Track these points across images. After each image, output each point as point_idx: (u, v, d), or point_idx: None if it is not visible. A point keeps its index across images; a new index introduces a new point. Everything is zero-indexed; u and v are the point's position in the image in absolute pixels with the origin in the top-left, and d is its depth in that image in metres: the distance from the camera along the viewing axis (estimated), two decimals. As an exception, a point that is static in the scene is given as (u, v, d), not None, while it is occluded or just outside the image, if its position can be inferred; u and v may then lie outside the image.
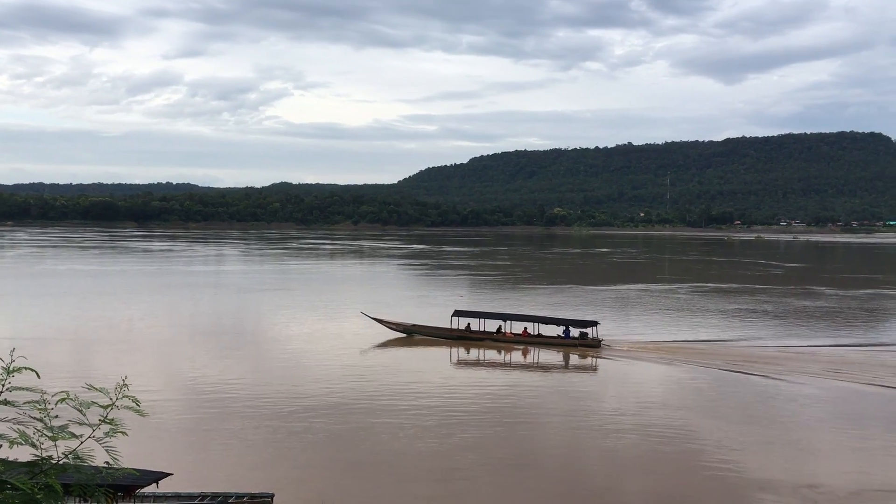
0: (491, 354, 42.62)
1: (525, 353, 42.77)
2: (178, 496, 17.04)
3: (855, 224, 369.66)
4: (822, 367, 37.95)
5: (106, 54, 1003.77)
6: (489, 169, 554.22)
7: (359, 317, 48.51)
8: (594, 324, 43.73)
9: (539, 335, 44.55)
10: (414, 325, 46.47)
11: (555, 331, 44.79)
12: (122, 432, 6.04)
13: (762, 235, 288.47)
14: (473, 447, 24.89)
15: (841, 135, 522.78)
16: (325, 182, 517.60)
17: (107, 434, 6.09)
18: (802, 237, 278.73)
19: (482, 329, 45.15)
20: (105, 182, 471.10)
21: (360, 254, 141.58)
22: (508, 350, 43.19)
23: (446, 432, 26.35)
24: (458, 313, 45.40)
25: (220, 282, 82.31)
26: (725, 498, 21.17)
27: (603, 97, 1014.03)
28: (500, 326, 45.46)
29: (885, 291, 79.56)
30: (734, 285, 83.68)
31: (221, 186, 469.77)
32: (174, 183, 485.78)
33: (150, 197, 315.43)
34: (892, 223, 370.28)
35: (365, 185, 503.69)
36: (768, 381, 35.25)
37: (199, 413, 28.40)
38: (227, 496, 17.08)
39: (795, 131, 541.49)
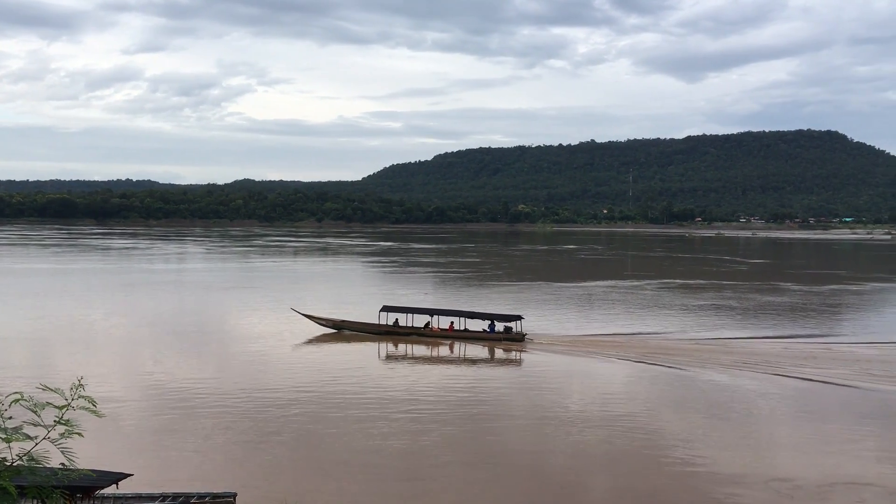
0: (419, 349, 43.03)
1: (452, 348, 43.34)
2: (138, 497, 16.71)
3: (812, 221, 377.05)
4: (733, 358, 39.16)
5: (64, 49, 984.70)
6: (454, 166, 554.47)
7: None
8: (518, 318, 44.71)
9: (466, 330, 45.34)
10: (343, 321, 46.88)
11: (481, 325, 45.58)
12: (78, 433, 5.96)
13: (722, 232, 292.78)
14: (440, 445, 24.82)
15: (798, 133, 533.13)
16: (289, 179, 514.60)
17: (62, 435, 6.04)
18: (761, 234, 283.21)
19: (410, 324, 45.93)
20: (63, 179, 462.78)
21: (326, 251, 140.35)
22: (435, 345, 43.79)
23: (412, 430, 26.26)
24: (386, 309, 45.86)
25: (185, 280, 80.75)
26: (633, 472, 22.01)
27: (566, 95, 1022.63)
28: (428, 322, 46.12)
29: (849, 287, 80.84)
30: (701, 281, 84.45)
31: (183, 183, 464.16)
32: (134, 180, 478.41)
33: (109, 194, 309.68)
34: (847, 220, 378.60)
35: (329, 182, 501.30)
36: (671, 370, 36.51)
37: (162, 413, 27.90)
38: (188, 496, 16.83)
39: (754, 129, 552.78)
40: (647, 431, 26.78)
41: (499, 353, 42.29)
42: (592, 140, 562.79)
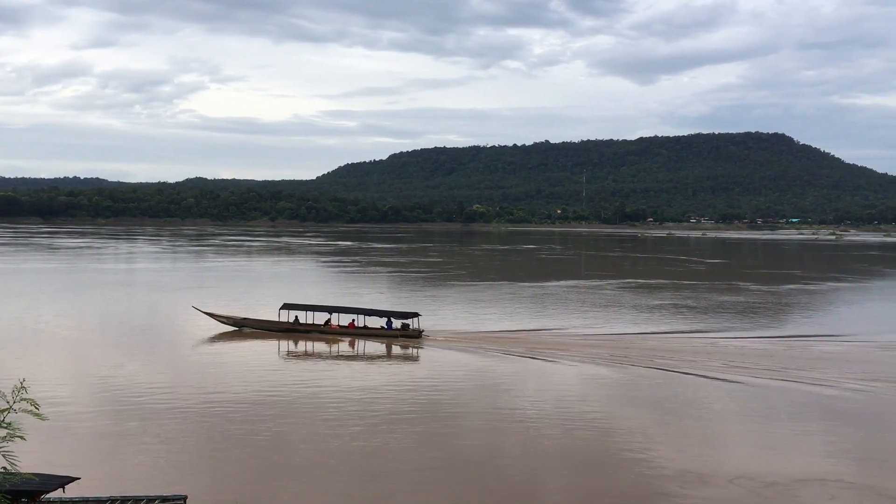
0: (320, 346, 43.39)
1: (352, 344, 44.05)
2: (85, 501, 16.48)
3: (760, 221, 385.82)
4: (608, 351, 41.04)
5: (10, 43, 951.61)
6: (409, 165, 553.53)
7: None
8: (415, 315, 45.82)
9: (365, 327, 46.27)
10: (245, 319, 47.22)
11: (379, 322, 46.46)
12: (20, 437, 5.88)
13: (673, 232, 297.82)
14: (396, 446, 24.73)
15: (747, 135, 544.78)
16: (242, 178, 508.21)
17: (3, 439, 5.95)
18: (711, 234, 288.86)
19: (311, 321, 46.54)
20: (8, 176, 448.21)
21: (285, 251, 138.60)
22: (335, 341, 44.35)
23: (363, 431, 26.12)
24: (286, 306, 46.22)
25: (139, 280, 78.72)
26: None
27: (522, 95, 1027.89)
28: (328, 319, 46.74)
29: (807, 287, 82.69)
30: (662, 281, 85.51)
31: (132, 181, 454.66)
32: (82, 178, 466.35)
33: (56, 192, 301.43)
34: (794, 221, 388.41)
35: (283, 180, 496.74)
36: (546, 363, 38.32)
37: (111, 415, 27.34)
38: (137, 499, 16.62)
39: (705, 131, 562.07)
40: (516, 420, 28.20)
41: (395, 349, 43.13)
42: (547, 140, 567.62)
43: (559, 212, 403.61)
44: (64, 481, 14.87)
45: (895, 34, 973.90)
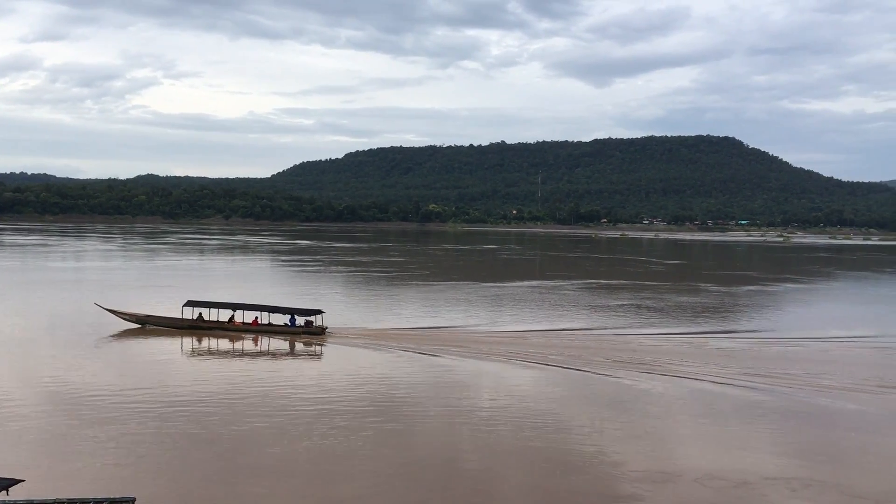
0: (224, 343, 43.43)
1: (256, 341, 44.21)
2: (30, 503, 16.07)
3: (710, 223, 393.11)
4: (505, 348, 41.85)
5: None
6: (365, 164, 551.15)
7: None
8: (319, 312, 46.26)
9: (270, 324, 46.55)
10: (148, 316, 47.24)
11: (283, 319, 46.86)
12: None
13: (626, 233, 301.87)
14: (352, 447, 24.56)
15: (699, 138, 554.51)
16: (196, 175, 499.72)
17: None
18: (663, 235, 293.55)
19: (215, 318, 46.64)
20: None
21: (244, 249, 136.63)
22: (238, 338, 44.44)
23: (318, 431, 26.00)
24: (190, 303, 46.40)
25: (92, 279, 76.59)
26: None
27: (479, 96, 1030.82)
28: (232, 316, 46.96)
29: (766, 288, 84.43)
30: (624, 282, 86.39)
31: (82, 178, 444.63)
32: (29, 173, 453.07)
33: (2, 187, 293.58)
34: (743, 222, 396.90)
35: (237, 178, 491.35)
36: (442, 359, 38.90)
37: (58, 416, 26.84)
38: (84, 501, 16.31)
39: (658, 134, 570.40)
40: (395, 412, 28.88)
41: (299, 345, 43.42)
42: (503, 141, 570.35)
43: (515, 212, 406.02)
44: (7, 483, 14.72)
45: (843, 41, 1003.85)
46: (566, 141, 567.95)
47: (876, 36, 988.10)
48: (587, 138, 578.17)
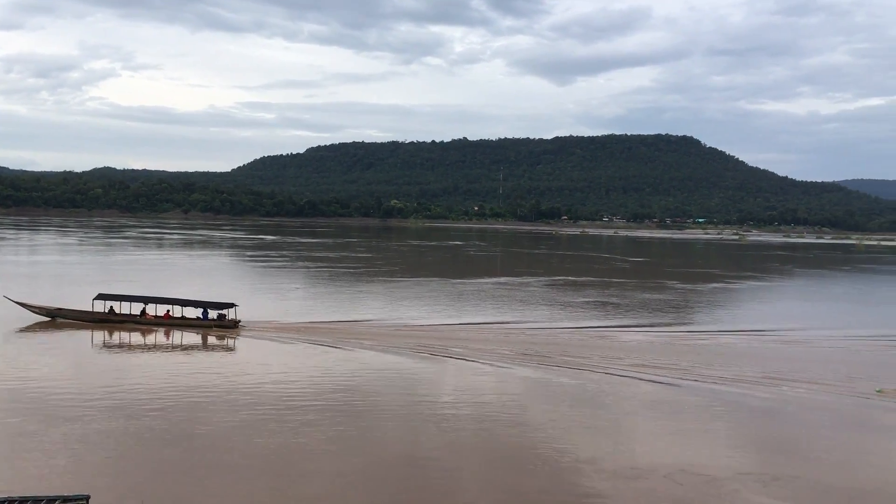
0: (135, 337, 43.07)
1: (168, 335, 43.94)
2: None
3: (669, 221, 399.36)
4: (415, 341, 42.25)
5: None
6: (326, 160, 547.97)
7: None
8: (232, 306, 46.18)
9: (183, 318, 46.48)
10: (59, 309, 46.58)
11: (195, 313, 46.81)
12: None
13: (587, 230, 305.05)
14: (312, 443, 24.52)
15: (658, 137, 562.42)
16: (154, 168, 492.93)
17: None
18: (623, 232, 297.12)
19: (127, 312, 46.50)
20: None
21: (207, 244, 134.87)
22: (150, 332, 44.25)
23: (273, 428, 25.80)
24: (101, 296, 46.06)
25: (48, 273, 74.81)
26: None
27: (442, 92, 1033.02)
28: (144, 309, 46.68)
29: (730, 286, 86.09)
30: (591, 279, 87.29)
31: (36, 170, 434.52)
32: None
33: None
34: (700, 220, 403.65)
35: (196, 172, 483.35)
36: (350, 352, 39.26)
37: (9, 414, 26.29)
38: (37, 500, 15.85)
39: (618, 132, 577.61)
40: (304, 400, 29.40)
41: (212, 339, 43.23)
42: (465, 138, 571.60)
43: (476, 209, 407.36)
44: None
45: (799, 44, 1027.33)
46: (528, 138, 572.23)
47: (831, 39, 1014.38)
48: (549, 136, 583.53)
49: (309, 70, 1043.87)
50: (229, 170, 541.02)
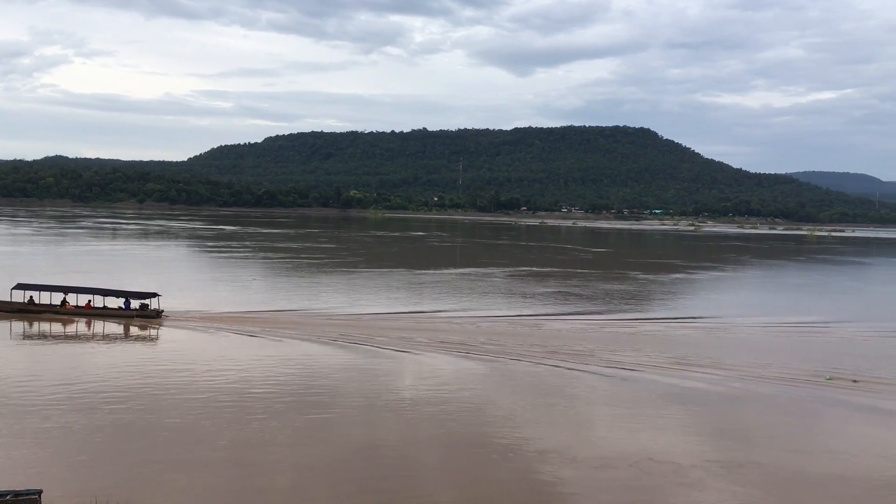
0: (56, 327, 42.93)
1: (89, 325, 43.70)
2: None
3: (626, 212, 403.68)
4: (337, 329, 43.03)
5: None
6: (285, 149, 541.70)
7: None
8: (154, 296, 46.01)
9: (105, 307, 46.32)
10: None
11: (117, 303, 46.75)
12: None
13: (545, 221, 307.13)
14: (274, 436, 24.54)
15: (615, 129, 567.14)
16: (107, 157, 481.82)
17: None
18: (581, 223, 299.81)
19: (47, 302, 46.16)
20: None
21: (167, 235, 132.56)
22: (71, 322, 44.08)
23: (235, 421, 25.82)
24: (20, 286, 45.85)
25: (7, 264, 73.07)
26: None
27: (402, 82, 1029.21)
28: (64, 299, 46.38)
29: (693, 276, 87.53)
30: (556, 269, 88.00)
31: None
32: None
33: None
34: (657, 212, 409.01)
35: (152, 161, 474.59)
36: (250, 337, 40.01)
37: None
38: None
39: (577, 124, 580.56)
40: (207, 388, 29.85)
41: (133, 329, 43.11)
42: (425, 128, 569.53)
43: (436, 199, 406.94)
44: None
45: (754, 38, 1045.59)
46: (487, 129, 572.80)
47: (785, 33, 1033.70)
48: (508, 127, 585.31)
49: (267, 58, 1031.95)
50: (185, 159, 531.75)
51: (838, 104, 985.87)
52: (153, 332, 42.06)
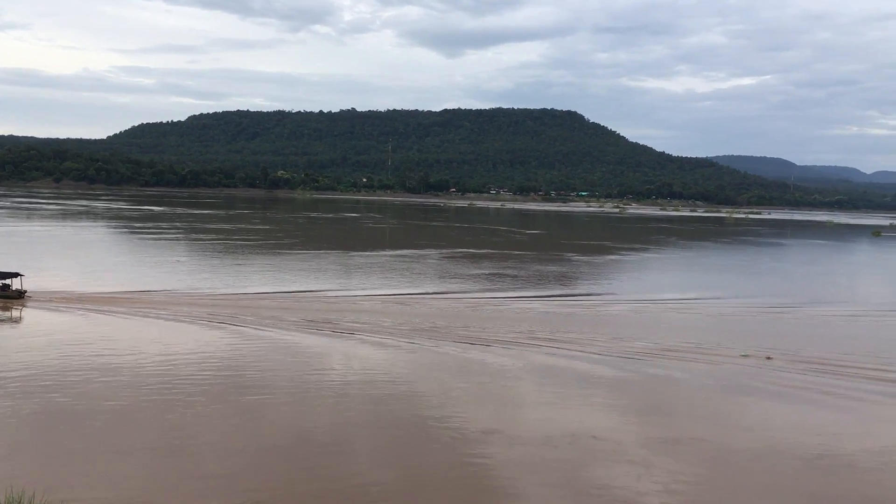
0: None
1: None
2: None
3: (553, 194, 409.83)
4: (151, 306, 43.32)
5: None
6: (209, 128, 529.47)
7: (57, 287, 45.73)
8: (17, 275, 45.23)
9: None
10: None
11: None
12: None
13: (475, 203, 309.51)
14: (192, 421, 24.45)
15: (544, 111, 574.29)
16: (21, 134, 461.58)
17: None
18: (510, 205, 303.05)
19: None
20: None
21: (90, 215, 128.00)
22: None
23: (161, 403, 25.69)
24: None
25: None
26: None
27: (330, 62, 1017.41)
28: None
29: (625, 258, 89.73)
30: (491, 251, 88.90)
31: None
32: None
33: None
34: (583, 194, 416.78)
35: (69, 139, 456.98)
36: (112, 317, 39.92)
37: None
38: None
39: (506, 106, 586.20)
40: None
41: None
42: (354, 108, 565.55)
43: (365, 180, 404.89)
44: None
45: (679, 24, 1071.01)
46: (417, 110, 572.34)
47: (707, 20, 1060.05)
48: (437, 108, 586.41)
49: (191, 35, 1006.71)
50: (105, 137, 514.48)
51: (757, 90, 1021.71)
52: (15, 313, 40.99)
